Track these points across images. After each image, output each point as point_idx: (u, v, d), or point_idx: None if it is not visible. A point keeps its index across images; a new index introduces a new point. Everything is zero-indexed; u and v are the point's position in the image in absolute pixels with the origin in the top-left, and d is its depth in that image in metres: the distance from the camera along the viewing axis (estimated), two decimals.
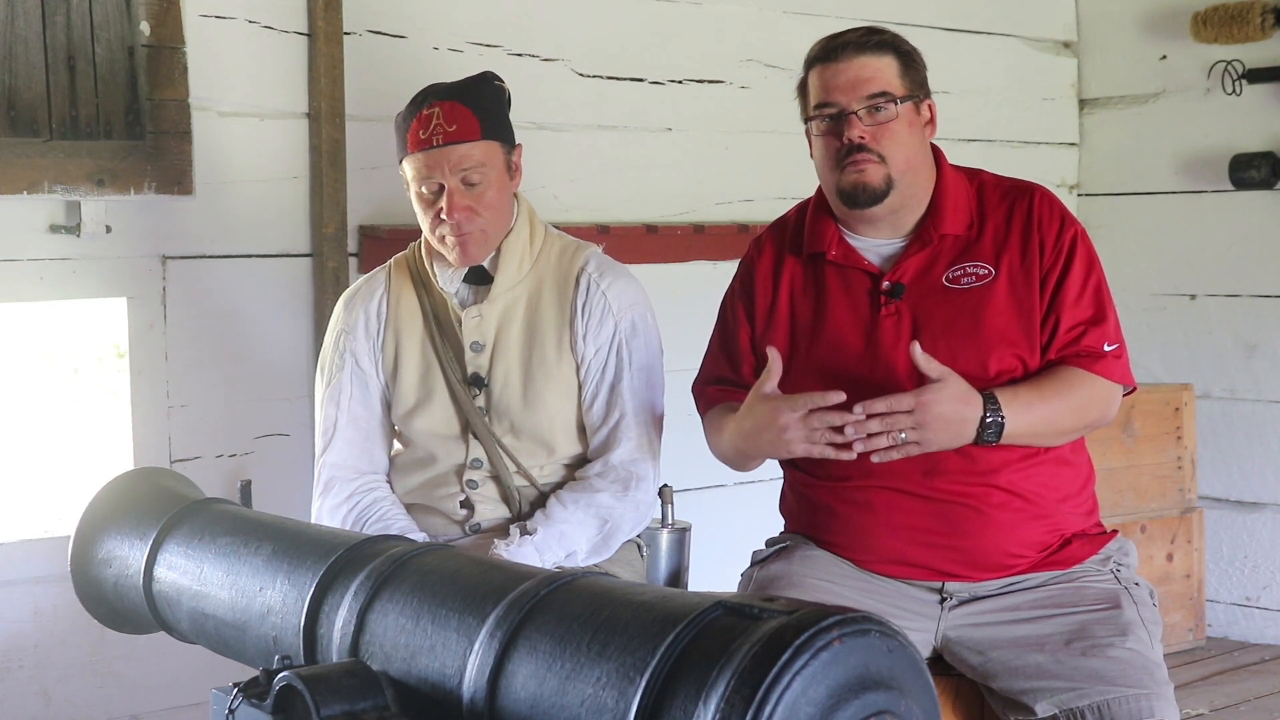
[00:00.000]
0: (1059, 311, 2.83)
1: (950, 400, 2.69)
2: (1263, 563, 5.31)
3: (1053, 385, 2.80)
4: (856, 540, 2.89)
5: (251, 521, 2.52)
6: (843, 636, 1.63)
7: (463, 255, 3.05)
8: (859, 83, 2.82)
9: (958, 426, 2.71)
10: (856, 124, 2.81)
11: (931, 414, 2.67)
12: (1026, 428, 2.77)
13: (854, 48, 2.84)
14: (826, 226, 2.94)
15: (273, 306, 3.92)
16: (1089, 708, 2.63)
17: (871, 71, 2.82)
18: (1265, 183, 5.10)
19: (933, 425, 2.68)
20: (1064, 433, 2.84)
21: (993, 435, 2.73)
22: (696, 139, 4.67)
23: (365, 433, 3.15)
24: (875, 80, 2.82)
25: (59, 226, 3.57)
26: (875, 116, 2.82)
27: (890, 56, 2.85)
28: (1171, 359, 5.46)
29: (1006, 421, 2.73)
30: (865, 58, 2.83)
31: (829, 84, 2.84)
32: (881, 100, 2.82)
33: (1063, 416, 2.82)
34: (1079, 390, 2.82)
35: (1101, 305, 2.86)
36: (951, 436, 2.71)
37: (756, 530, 3.18)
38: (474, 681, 1.87)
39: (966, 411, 2.71)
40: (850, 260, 2.91)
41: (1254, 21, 5.02)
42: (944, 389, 2.68)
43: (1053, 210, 2.89)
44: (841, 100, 2.82)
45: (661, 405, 3.17)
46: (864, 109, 2.81)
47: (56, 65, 3.48)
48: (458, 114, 3.00)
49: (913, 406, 2.67)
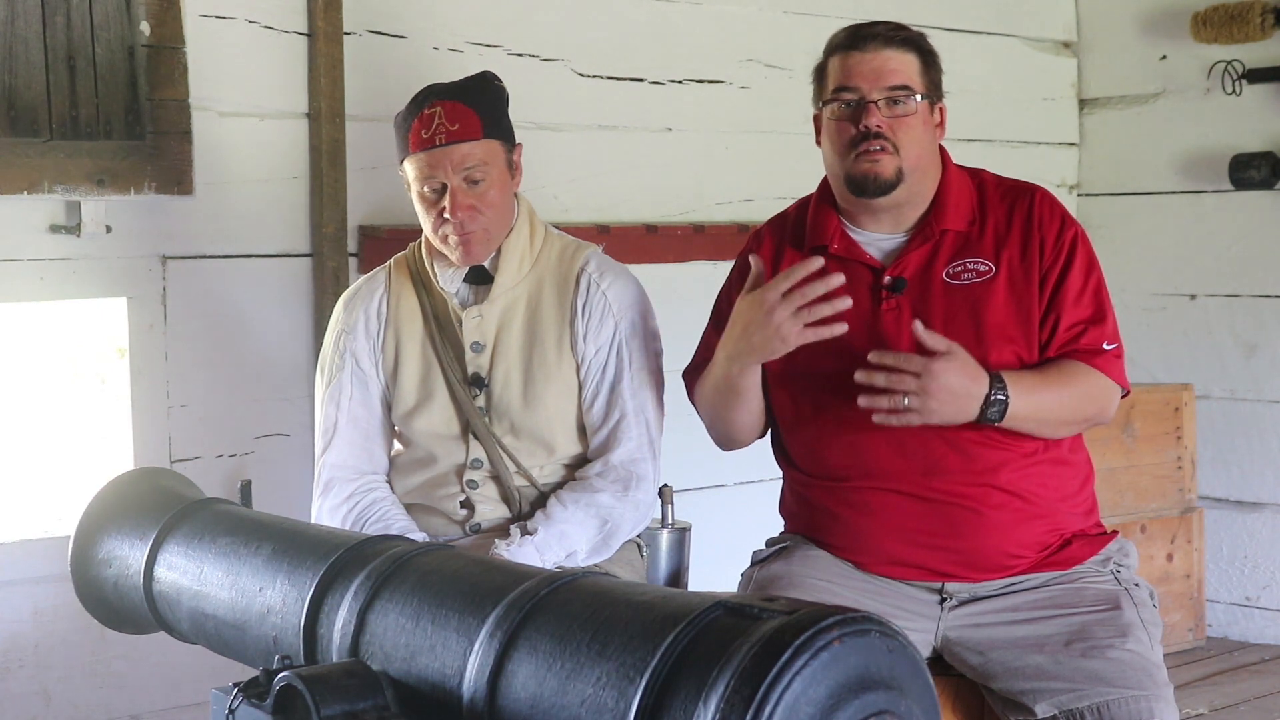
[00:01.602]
0: (1059, 310, 2.83)
1: (957, 373, 2.68)
2: (1263, 563, 5.31)
3: (1057, 374, 2.81)
4: (856, 541, 2.89)
5: (251, 521, 2.52)
6: (843, 636, 1.63)
7: (465, 254, 3.05)
8: (883, 73, 2.84)
9: (962, 401, 2.70)
10: (875, 112, 2.82)
11: (938, 383, 2.67)
12: (1030, 411, 2.76)
13: (881, 39, 2.86)
14: (829, 220, 2.95)
15: (273, 306, 3.92)
16: (1089, 709, 2.63)
17: (896, 64, 2.85)
18: (1265, 183, 5.10)
19: (937, 395, 2.67)
20: (1065, 423, 2.84)
21: (996, 414, 2.72)
22: (696, 139, 4.67)
23: (365, 433, 3.15)
24: (899, 73, 2.84)
25: (59, 226, 3.57)
26: (894, 109, 2.83)
27: (914, 54, 2.87)
28: (1171, 359, 5.46)
29: (1011, 402, 2.72)
30: (891, 50, 2.85)
31: (851, 70, 2.86)
32: (902, 93, 2.83)
33: (1065, 406, 2.82)
34: (1081, 382, 2.82)
35: (1101, 305, 2.87)
36: (954, 410, 2.70)
37: (756, 530, 3.18)
38: (474, 681, 1.87)
39: (972, 387, 2.70)
40: (852, 254, 2.92)
41: (1254, 21, 5.02)
42: (951, 361, 2.68)
43: (1053, 210, 2.90)
44: (863, 87, 2.84)
45: (661, 405, 3.17)
46: (884, 99, 2.83)
47: (56, 65, 3.48)
48: (459, 113, 3.00)
49: (920, 370, 2.67)
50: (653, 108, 4.58)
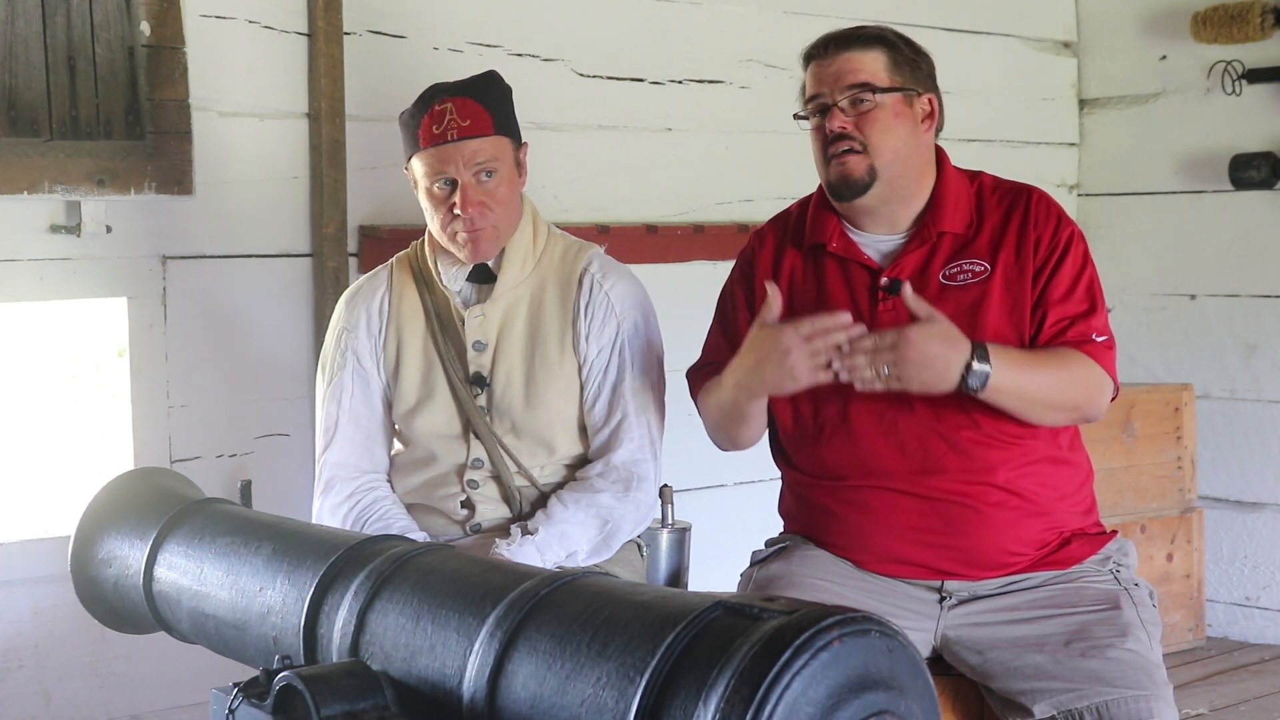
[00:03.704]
0: (1046, 306, 2.83)
1: (935, 339, 2.69)
2: (1263, 563, 5.31)
3: (1046, 356, 2.81)
4: (855, 540, 2.89)
5: (251, 521, 2.52)
6: (843, 636, 1.63)
7: (474, 251, 3.05)
8: (842, 74, 2.87)
9: (941, 365, 2.69)
10: (838, 115, 2.86)
11: (914, 349, 2.67)
12: (1014, 387, 2.74)
13: (841, 43, 2.90)
14: (829, 220, 2.96)
15: (273, 306, 3.92)
16: (1088, 709, 2.63)
17: (856, 64, 2.87)
18: (1265, 183, 5.10)
19: (914, 360, 2.67)
20: (1051, 406, 2.81)
21: (976, 382, 2.70)
22: (696, 139, 4.67)
23: (366, 432, 3.15)
24: (858, 72, 2.87)
25: (59, 226, 3.57)
26: (858, 108, 2.86)
27: (878, 50, 2.89)
28: (1171, 359, 5.46)
29: (993, 373, 2.71)
30: (851, 52, 2.88)
31: (817, 77, 2.91)
32: (861, 91, 2.85)
33: (1052, 387, 2.79)
34: (1071, 366, 2.80)
35: (1093, 301, 2.86)
36: (934, 376, 2.69)
37: (756, 530, 3.18)
38: (474, 681, 1.87)
39: (950, 353, 2.69)
40: (850, 254, 2.92)
41: (1254, 21, 5.02)
42: (928, 327, 2.69)
43: (1049, 211, 2.90)
44: (825, 91, 2.88)
45: (663, 406, 3.17)
46: (846, 100, 2.85)
47: (56, 65, 3.48)
48: (471, 109, 3.00)
49: (895, 342, 2.68)
50: (652, 108, 4.58)
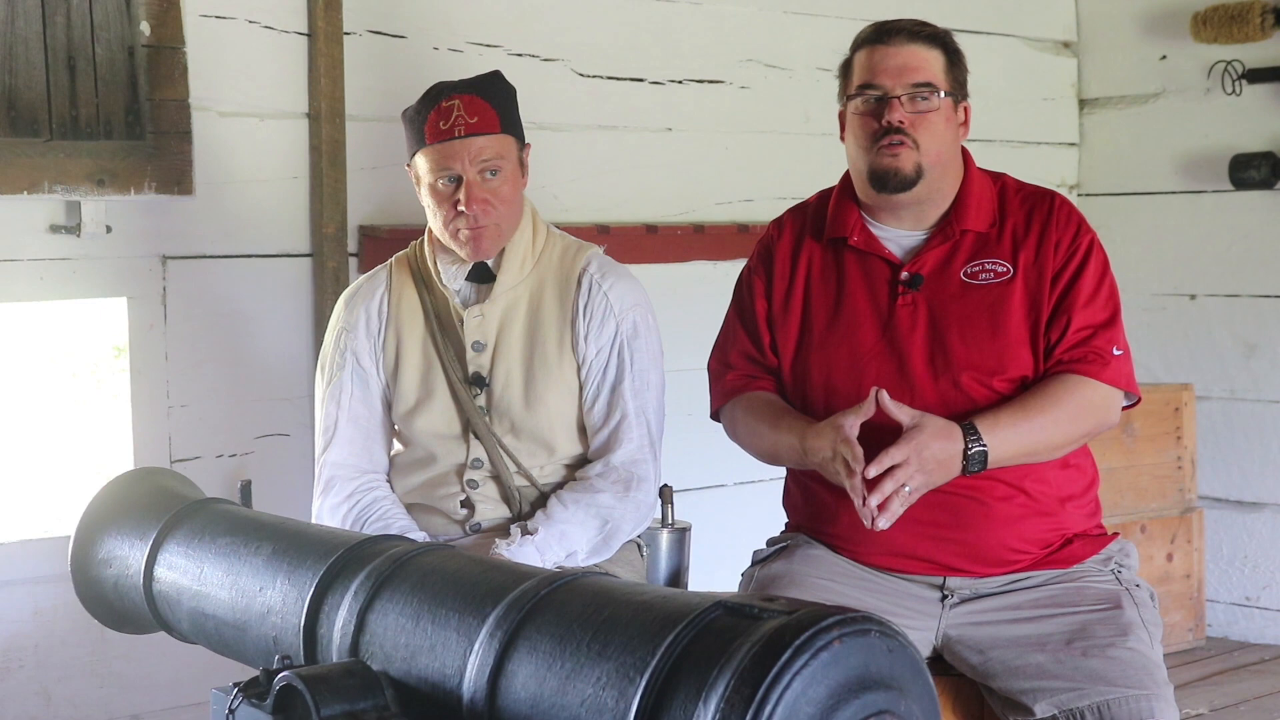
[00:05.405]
0: (1070, 311, 2.83)
1: (935, 439, 2.69)
2: (1263, 563, 5.31)
3: (1038, 401, 2.79)
4: (858, 533, 2.88)
5: (251, 521, 2.52)
6: (843, 636, 1.63)
7: (476, 249, 3.05)
8: (906, 69, 2.85)
9: (947, 462, 2.71)
10: (898, 108, 2.83)
11: (925, 456, 2.68)
12: (1014, 450, 2.76)
13: (906, 35, 2.87)
14: (850, 212, 2.95)
15: (273, 306, 3.92)
16: (1089, 708, 2.63)
17: (920, 60, 2.86)
18: (1265, 183, 5.10)
19: (927, 467, 2.68)
20: (1059, 446, 2.83)
21: (977, 465, 2.73)
22: (696, 139, 4.67)
23: (366, 432, 3.15)
24: (922, 70, 2.85)
25: (59, 226, 3.57)
26: (917, 104, 2.84)
27: (939, 51, 2.89)
28: (1171, 359, 5.46)
29: (990, 450, 2.73)
30: (915, 46, 2.86)
31: (876, 66, 2.86)
32: (925, 90, 2.84)
33: (1053, 431, 2.80)
34: (1071, 400, 2.80)
35: (1113, 310, 2.87)
36: (945, 473, 2.72)
37: (756, 530, 3.18)
38: (474, 681, 1.87)
39: (950, 446, 2.71)
40: (871, 248, 2.92)
41: (1254, 21, 5.02)
42: (924, 430, 2.69)
43: (1070, 216, 2.91)
44: (886, 83, 2.85)
45: (663, 406, 3.17)
46: (907, 95, 2.84)
47: (56, 65, 3.48)
48: (478, 107, 3.00)
49: (908, 456, 2.66)
50: (653, 108, 4.58)
